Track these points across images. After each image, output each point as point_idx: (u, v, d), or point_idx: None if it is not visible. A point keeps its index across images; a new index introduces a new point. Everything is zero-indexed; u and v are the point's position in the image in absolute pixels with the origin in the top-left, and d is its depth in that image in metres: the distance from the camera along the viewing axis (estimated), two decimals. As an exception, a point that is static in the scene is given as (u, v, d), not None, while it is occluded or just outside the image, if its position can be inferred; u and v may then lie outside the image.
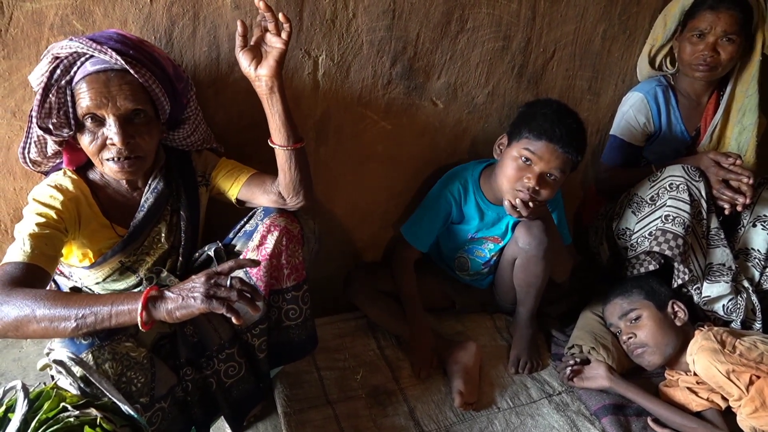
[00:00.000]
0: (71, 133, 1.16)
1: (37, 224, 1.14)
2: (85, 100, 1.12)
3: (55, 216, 1.16)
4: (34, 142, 1.22)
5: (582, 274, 2.08)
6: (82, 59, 1.13)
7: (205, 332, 1.28)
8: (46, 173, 1.29)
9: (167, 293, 1.04)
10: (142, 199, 1.30)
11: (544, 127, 1.54)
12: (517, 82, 1.86)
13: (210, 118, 1.49)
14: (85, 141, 1.17)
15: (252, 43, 1.19)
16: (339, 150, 1.75)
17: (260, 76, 1.18)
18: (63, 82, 1.13)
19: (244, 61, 1.18)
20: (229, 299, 1.02)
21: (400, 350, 1.79)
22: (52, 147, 1.22)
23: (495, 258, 1.83)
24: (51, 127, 1.14)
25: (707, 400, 1.62)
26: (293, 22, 1.49)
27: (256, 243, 1.27)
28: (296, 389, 1.59)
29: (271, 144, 1.29)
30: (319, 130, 1.69)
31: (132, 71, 1.13)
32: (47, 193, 1.20)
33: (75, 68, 1.13)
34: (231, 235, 1.34)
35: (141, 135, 1.18)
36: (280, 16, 1.13)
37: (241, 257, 1.29)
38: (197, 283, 1.04)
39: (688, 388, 1.65)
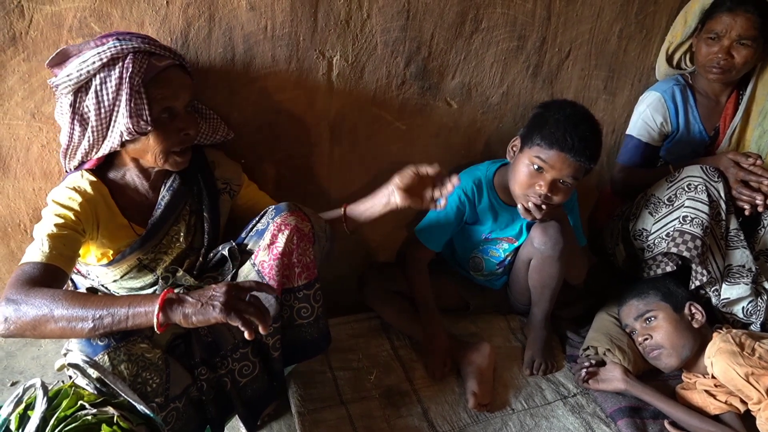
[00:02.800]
0: (150, 128, 1.19)
1: (56, 225, 1.15)
2: (161, 95, 1.18)
3: (73, 217, 1.18)
4: (88, 144, 1.22)
5: (597, 276, 2.06)
6: (147, 57, 1.17)
7: (219, 332, 1.29)
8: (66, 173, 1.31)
9: (186, 297, 1.06)
10: (159, 197, 1.33)
11: (556, 135, 1.50)
12: (532, 82, 1.85)
13: (224, 118, 1.50)
14: (159, 137, 1.21)
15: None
16: (353, 151, 1.75)
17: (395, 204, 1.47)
18: (139, 80, 1.15)
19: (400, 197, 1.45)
20: (247, 313, 1.06)
21: (413, 351, 1.79)
22: (110, 147, 1.21)
23: (509, 258, 1.82)
24: (136, 128, 1.16)
25: (726, 403, 1.59)
26: (307, 23, 1.50)
27: (267, 242, 1.27)
28: (310, 389, 1.60)
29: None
30: (334, 130, 1.70)
31: (186, 65, 1.24)
32: (66, 194, 1.22)
33: (145, 65, 1.16)
34: (243, 234, 1.35)
35: (198, 123, 1.31)
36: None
37: (253, 257, 1.30)
38: (218, 292, 1.06)
39: (706, 391, 1.63)
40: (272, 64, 1.53)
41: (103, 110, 1.16)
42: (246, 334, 1.06)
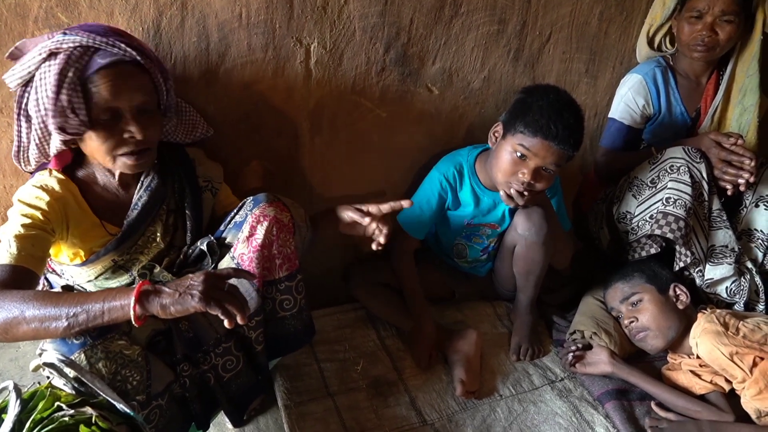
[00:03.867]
0: (86, 130, 1.14)
1: (23, 225, 1.12)
2: (100, 94, 1.11)
3: (41, 217, 1.15)
4: (36, 143, 1.19)
5: (583, 260, 2.07)
6: (89, 52, 1.10)
7: (201, 327, 1.27)
8: (32, 173, 1.27)
9: (163, 288, 1.03)
10: (135, 197, 1.28)
11: (540, 123, 1.48)
12: (514, 66, 1.83)
13: (201, 111, 1.47)
14: (99, 138, 1.15)
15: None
16: (334, 139, 1.73)
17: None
18: (74, 77, 1.09)
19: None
20: (225, 302, 1.03)
21: (400, 340, 1.78)
22: (56, 147, 1.19)
23: (493, 244, 1.81)
24: (67, 126, 1.11)
25: (711, 382, 1.61)
26: (283, 10, 1.47)
27: (246, 234, 1.25)
28: (296, 382, 1.58)
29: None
30: (314, 119, 1.67)
31: (142, 62, 1.14)
32: (33, 194, 1.18)
33: (84, 62, 1.10)
34: (221, 228, 1.33)
35: (153, 126, 1.20)
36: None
37: (232, 250, 1.27)
38: (196, 281, 1.04)
39: (692, 371, 1.64)
40: (248, 53, 1.50)
41: (41, 107, 1.11)
42: (225, 323, 1.03)
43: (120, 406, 1.02)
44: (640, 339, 1.69)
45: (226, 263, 1.28)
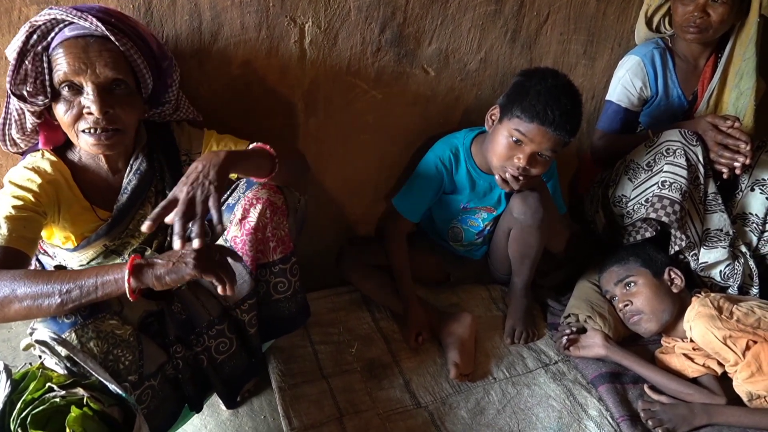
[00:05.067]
0: (47, 101, 1.12)
1: (14, 207, 1.10)
2: (62, 66, 1.08)
3: (32, 199, 1.13)
4: (14, 119, 1.18)
5: (578, 244, 2.06)
6: (61, 25, 1.10)
7: (194, 309, 1.26)
8: (23, 154, 1.25)
9: (155, 260, 1.04)
10: (125, 181, 1.27)
11: (537, 108, 1.46)
12: (511, 48, 1.81)
13: (194, 91, 1.45)
14: (60, 111, 1.12)
15: None
16: (329, 121, 1.71)
17: None
18: (39, 48, 1.09)
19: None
20: (219, 269, 1.04)
21: (395, 323, 1.78)
22: (30, 122, 1.18)
23: (489, 228, 1.81)
24: (25, 94, 1.10)
25: (703, 366, 1.61)
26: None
27: (239, 217, 1.24)
28: (291, 364, 1.58)
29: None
30: (308, 100, 1.65)
31: (113, 38, 1.10)
32: (24, 175, 1.16)
33: (52, 34, 1.09)
34: None
35: (121, 106, 1.14)
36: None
37: (225, 232, 1.26)
38: (188, 250, 1.04)
39: (685, 355, 1.65)
40: (241, 32, 1.47)
41: (8, 76, 1.10)
42: (219, 290, 1.05)
43: (112, 387, 1.01)
44: (634, 322, 1.69)
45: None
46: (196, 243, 1.02)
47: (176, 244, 1.00)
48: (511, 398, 1.58)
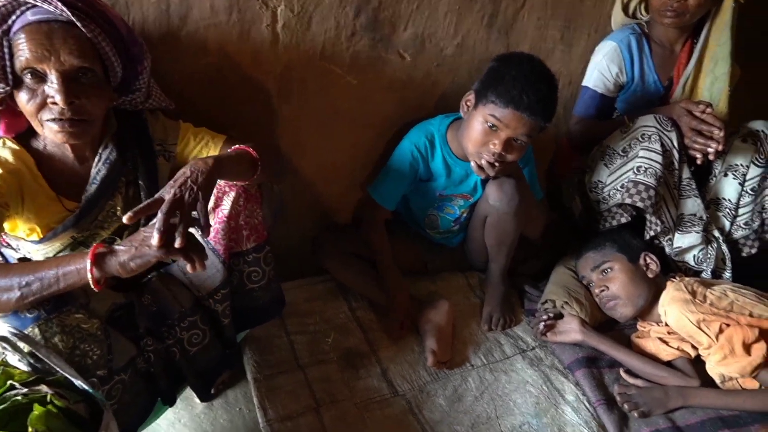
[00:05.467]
0: (8, 89, 1.06)
1: None
2: (24, 52, 1.03)
3: None
4: None
5: (556, 230, 2.07)
6: (23, 8, 1.04)
7: (165, 300, 1.23)
8: None
9: (118, 247, 1.00)
10: (93, 171, 1.21)
11: (512, 93, 1.45)
12: (488, 33, 1.79)
13: (163, 78, 1.40)
14: (23, 99, 1.07)
15: None
16: (303, 107, 1.68)
17: None
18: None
19: None
20: (182, 237, 1.00)
21: (372, 312, 1.76)
22: None
23: (465, 215, 1.80)
24: None
25: (678, 349, 1.63)
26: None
27: (212, 205, 1.21)
28: (266, 355, 1.56)
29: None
30: (282, 86, 1.61)
31: (79, 24, 1.04)
32: None
33: (13, 17, 1.03)
34: None
35: (87, 96, 1.09)
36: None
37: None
38: (149, 231, 1.00)
39: (660, 339, 1.66)
40: (211, 15, 1.43)
41: None
42: (188, 268, 1.02)
43: (78, 382, 0.98)
44: (611, 307, 1.70)
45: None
46: (177, 242, 0.99)
47: (154, 239, 0.97)
48: (489, 385, 1.59)
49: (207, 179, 1.07)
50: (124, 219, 0.98)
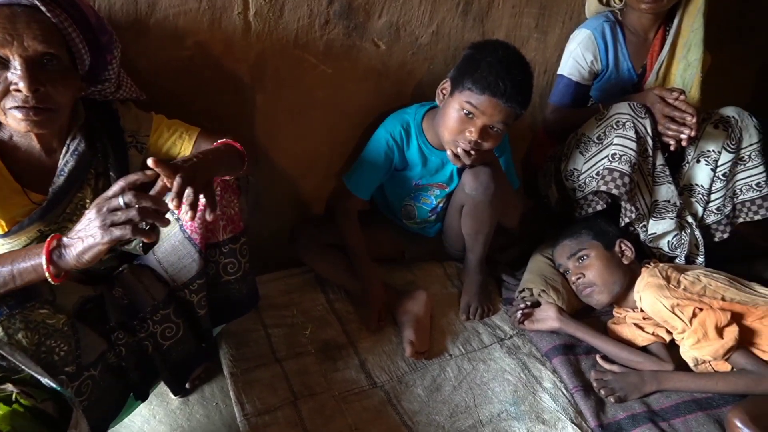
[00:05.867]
0: None
1: None
2: None
3: None
4: None
5: (533, 219, 2.08)
6: None
7: (136, 293, 1.20)
8: None
9: (68, 240, 0.97)
10: (61, 162, 1.17)
11: (488, 80, 1.44)
12: (463, 21, 1.78)
13: (133, 67, 1.37)
14: None
15: None
16: (277, 97, 1.65)
17: None
18: None
19: None
20: (131, 221, 0.95)
21: (350, 303, 1.75)
22: None
23: (442, 204, 1.79)
24: None
25: (652, 334, 1.65)
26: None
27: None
28: (243, 348, 1.54)
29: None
30: (255, 75, 1.58)
31: (43, 8, 1.00)
32: None
33: None
34: None
35: (53, 84, 1.05)
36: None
37: (177, 212, 1.20)
38: (90, 217, 0.97)
39: (635, 324, 1.68)
40: (181, 2, 1.39)
41: None
42: (144, 239, 0.98)
43: (45, 380, 0.95)
44: (587, 294, 1.72)
45: (169, 227, 1.20)
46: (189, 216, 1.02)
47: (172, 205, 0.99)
48: (467, 374, 1.59)
49: (205, 176, 1.08)
50: (150, 162, 0.96)
